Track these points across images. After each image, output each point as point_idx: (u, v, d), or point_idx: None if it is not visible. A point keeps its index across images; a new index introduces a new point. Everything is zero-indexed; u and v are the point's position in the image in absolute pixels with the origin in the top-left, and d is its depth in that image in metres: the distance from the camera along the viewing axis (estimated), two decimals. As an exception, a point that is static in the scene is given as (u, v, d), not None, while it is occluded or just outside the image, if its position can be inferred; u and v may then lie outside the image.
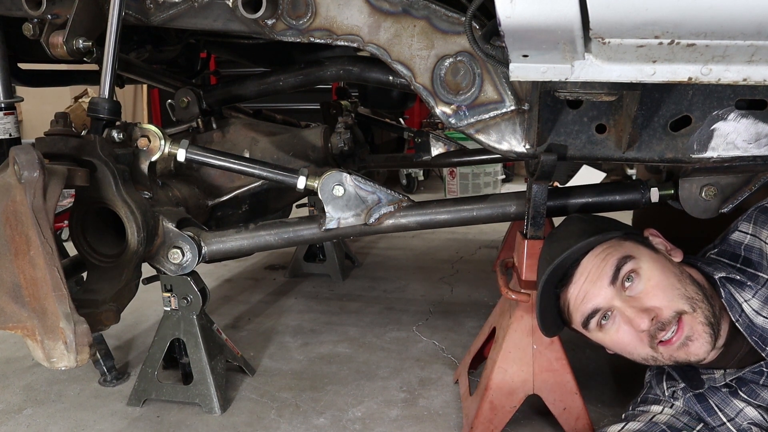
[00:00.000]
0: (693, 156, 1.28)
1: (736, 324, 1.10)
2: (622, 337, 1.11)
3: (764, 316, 1.09)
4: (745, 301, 1.11)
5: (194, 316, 1.67)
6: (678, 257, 1.19)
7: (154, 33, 2.05)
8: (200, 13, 1.45)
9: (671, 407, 1.24)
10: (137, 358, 2.06)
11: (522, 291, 1.42)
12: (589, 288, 1.13)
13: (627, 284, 1.11)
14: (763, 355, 1.09)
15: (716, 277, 1.14)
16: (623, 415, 1.31)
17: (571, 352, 1.49)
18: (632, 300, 1.10)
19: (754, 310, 1.10)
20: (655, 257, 1.14)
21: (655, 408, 1.26)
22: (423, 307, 2.47)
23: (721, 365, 1.16)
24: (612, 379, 1.83)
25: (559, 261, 1.14)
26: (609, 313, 1.12)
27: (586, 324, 1.15)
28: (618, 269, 1.11)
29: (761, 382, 1.13)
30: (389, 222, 1.55)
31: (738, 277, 1.14)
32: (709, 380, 1.18)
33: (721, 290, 1.13)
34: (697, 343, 1.06)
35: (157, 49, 2.12)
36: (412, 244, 3.47)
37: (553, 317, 1.23)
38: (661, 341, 1.07)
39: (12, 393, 1.85)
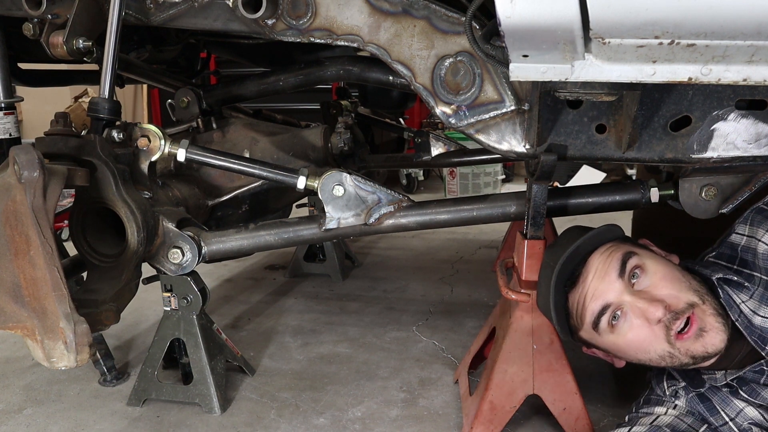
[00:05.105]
0: (693, 156, 1.28)
1: (736, 323, 1.10)
2: (637, 334, 1.10)
3: (761, 316, 1.09)
4: (743, 302, 1.12)
5: (194, 316, 1.67)
6: (675, 261, 1.20)
7: (154, 33, 2.05)
8: (200, 13, 1.45)
9: (674, 408, 1.24)
10: (137, 358, 2.06)
11: (522, 291, 1.42)
12: (598, 284, 1.13)
13: (633, 281, 1.12)
14: (763, 354, 1.09)
15: (714, 278, 1.14)
16: (626, 417, 1.30)
17: (571, 352, 1.48)
18: (642, 293, 1.10)
19: (751, 310, 1.10)
20: (655, 256, 1.17)
21: (659, 409, 1.25)
22: (423, 307, 2.47)
23: (722, 366, 1.16)
24: (612, 380, 1.83)
25: (572, 250, 1.15)
26: (619, 312, 1.11)
27: (596, 323, 1.13)
28: (624, 263, 1.12)
29: (762, 381, 1.13)
30: (389, 222, 1.55)
31: (735, 279, 1.14)
32: (710, 380, 1.18)
33: (719, 291, 1.13)
34: (711, 334, 1.06)
35: (157, 49, 2.11)
36: (412, 244, 3.47)
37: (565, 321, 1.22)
38: (677, 333, 1.06)
39: (12, 393, 1.86)
